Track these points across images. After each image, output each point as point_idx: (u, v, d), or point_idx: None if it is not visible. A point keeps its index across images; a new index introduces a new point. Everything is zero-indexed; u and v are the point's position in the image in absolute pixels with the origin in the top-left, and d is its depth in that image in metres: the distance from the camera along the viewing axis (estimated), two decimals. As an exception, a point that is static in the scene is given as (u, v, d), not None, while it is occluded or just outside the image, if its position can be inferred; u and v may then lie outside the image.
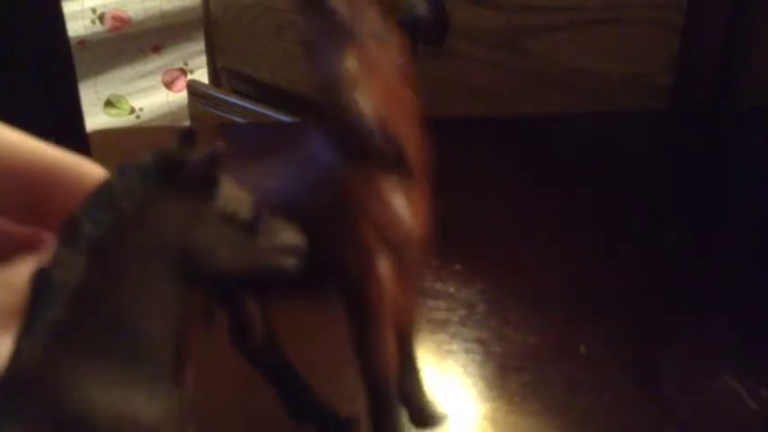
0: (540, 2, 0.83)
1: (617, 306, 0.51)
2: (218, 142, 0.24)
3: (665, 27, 0.76)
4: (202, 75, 1.39)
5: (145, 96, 1.70)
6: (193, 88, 1.15)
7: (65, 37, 0.59)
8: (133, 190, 0.23)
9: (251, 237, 0.25)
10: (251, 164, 0.35)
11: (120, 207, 0.23)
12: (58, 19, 0.59)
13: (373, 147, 0.32)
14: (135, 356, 0.23)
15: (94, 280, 0.23)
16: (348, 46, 0.28)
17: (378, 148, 0.32)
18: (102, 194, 0.23)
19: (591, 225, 0.60)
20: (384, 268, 0.33)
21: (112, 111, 1.67)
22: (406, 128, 0.32)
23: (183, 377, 0.24)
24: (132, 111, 1.69)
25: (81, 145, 0.61)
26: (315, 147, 0.33)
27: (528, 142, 0.71)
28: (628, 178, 0.66)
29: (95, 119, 1.60)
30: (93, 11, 1.58)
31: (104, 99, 1.66)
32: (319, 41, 0.29)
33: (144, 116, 1.70)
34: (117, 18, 1.61)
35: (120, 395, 0.22)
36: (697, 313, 0.51)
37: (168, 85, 1.72)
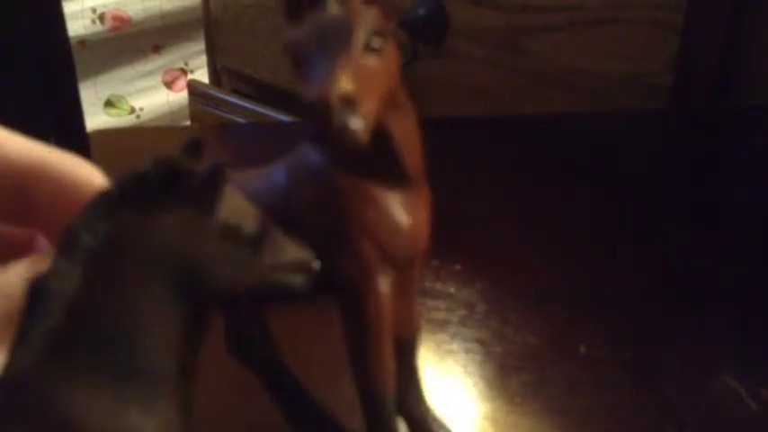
0: (540, 2, 0.83)
1: (617, 306, 0.51)
2: (221, 153, 0.23)
3: (665, 27, 0.76)
4: (202, 75, 1.39)
5: (145, 96, 1.70)
6: (194, 88, 1.15)
7: (65, 37, 0.59)
8: (132, 201, 0.22)
9: (255, 252, 0.24)
10: (250, 171, 0.34)
11: (118, 218, 0.22)
12: (58, 19, 0.59)
13: (369, 165, 0.30)
14: (132, 371, 0.22)
15: (91, 291, 0.22)
16: (340, 58, 0.26)
17: (374, 166, 0.30)
18: (100, 204, 0.23)
19: (591, 225, 0.60)
20: (383, 286, 0.32)
21: (112, 111, 1.67)
22: (405, 137, 0.31)
23: (187, 393, 0.24)
24: (132, 111, 1.69)
25: (81, 145, 0.61)
26: (310, 151, 0.32)
27: (528, 142, 0.71)
28: (628, 178, 0.66)
29: (95, 119, 1.60)
30: (93, 11, 1.58)
31: (104, 99, 1.66)
32: (308, 50, 0.27)
33: (144, 116, 1.70)
34: (117, 18, 1.61)
35: (114, 409, 0.22)
36: (697, 313, 0.51)
37: (168, 85, 1.72)
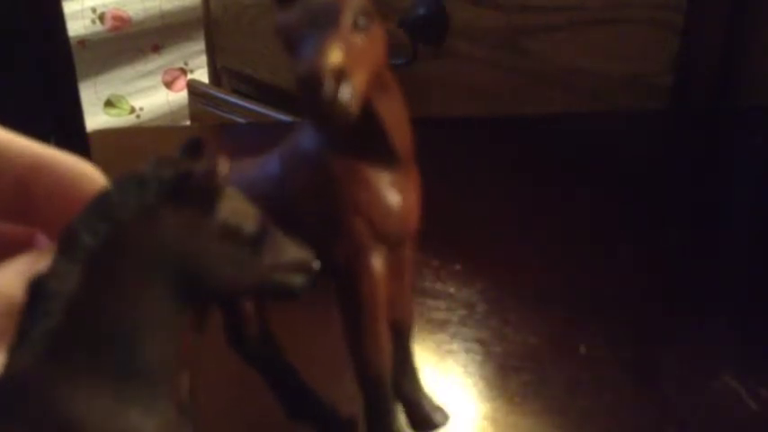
0: (540, 2, 0.83)
1: (617, 306, 0.51)
2: (221, 153, 0.23)
3: (665, 27, 0.76)
4: (202, 74, 1.39)
5: (145, 96, 1.70)
6: (193, 88, 1.15)
7: (65, 37, 0.59)
8: (132, 201, 0.22)
9: (255, 252, 0.24)
10: (245, 161, 0.35)
11: (117, 218, 0.22)
12: (58, 19, 0.59)
13: (359, 146, 0.31)
14: (132, 371, 0.22)
15: (91, 291, 0.22)
16: (329, 35, 0.27)
17: (364, 147, 0.31)
18: (100, 204, 0.23)
19: (591, 225, 0.60)
20: (377, 264, 0.33)
21: (112, 110, 1.67)
22: (393, 116, 0.32)
23: (181, 389, 0.24)
24: (132, 110, 1.69)
25: (81, 145, 0.61)
26: (302, 137, 0.33)
27: (528, 142, 0.71)
28: (628, 178, 0.66)
29: (95, 119, 1.60)
30: (93, 10, 1.58)
31: (104, 99, 1.66)
32: (299, 33, 0.28)
33: (144, 116, 1.70)
34: (117, 18, 1.61)
35: (114, 409, 0.22)
36: (697, 313, 0.51)
37: (168, 85, 1.72)
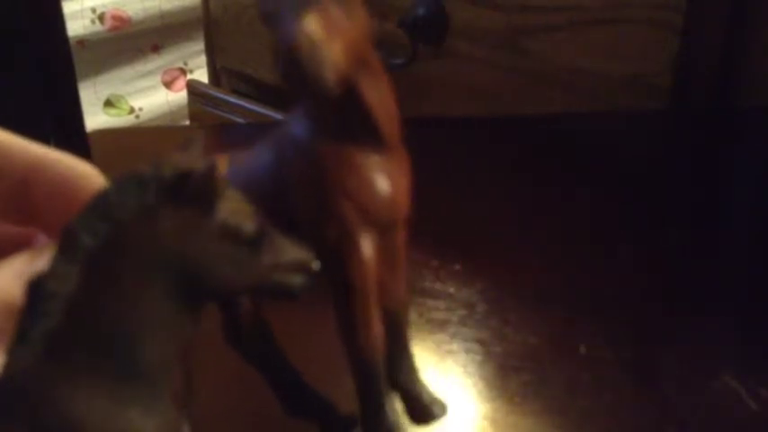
0: (540, 2, 0.83)
1: (617, 306, 0.51)
2: (219, 153, 0.23)
3: (665, 27, 0.76)
4: (202, 74, 1.39)
5: (144, 96, 1.70)
6: (193, 88, 1.15)
7: (65, 37, 0.59)
8: (131, 201, 0.22)
9: (254, 252, 0.24)
10: (238, 153, 0.35)
11: (116, 218, 0.22)
12: (58, 19, 0.59)
13: (346, 129, 0.31)
14: (131, 371, 0.22)
15: (91, 291, 0.22)
16: (309, 9, 0.28)
17: (350, 131, 0.31)
18: (99, 204, 0.23)
19: (591, 225, 0.60)
20: (366, 247, 0.33)
21: (112, 111, 1.67)
22: (379, 100, 0.32)
23: (181, 389, 0.24)
24: (132, 110, 1.69)
25: (81, 145, 0.61)
26: (292, 125, 0.33)
27: (528, 142, 0.71)
28: (628, 178, 0.66)
29: (95, 119, 1.60)
30: (92, 10, 1.58)
31: (104, 99, 1.66)
32: (280, 12, 0.28)
33: (144, 116, 1.70)
34: (117, 18, 1.61)
35: (114, 409, 0.22)
36: (697, 313, 0.51)
37: (168, 85, 1.72)
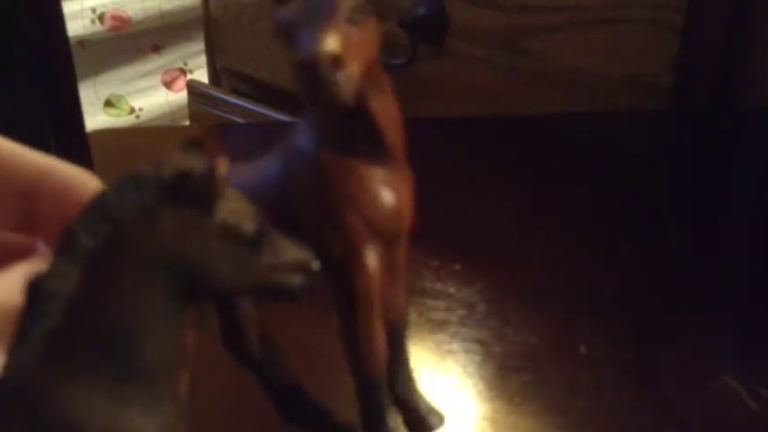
0: (540, 2, 0.83)
1: (617, 306, 0.51)
2: (220, 154, 0.23)
3: (665, 27, 0.76)
4: (202, 75, 1.39)
5: (144, 96, 1.69)
6: (193, 88, 1.15)
7: (65, 37, 0.59)
8: (131, 201, 0.22)
9: (254, 252, 0.24)
10: (244, 165, 0.35)
11: (116, 219, 0.22)
12: (58, 19, 0.59)
13: (353, 142, 0.32)
14: (131, 371, 0.22)
15: (91, 291, 0.22)
16: (325, 26, 0.28)
17: (357, 143, 0.32)
18: (99, 205, 0.23)
19: (591, 225, 0.60)
20: (371, 259, 0.33)
21: (112, 111, 1.67)
22: (386, 114, 0.32)
23: (181, 389, 0.24)
24: (132, 111, 1.69)
25: (81, 145, 0.61)
26: (298, 136, 0.33)
27: (528, 142, 0.71)
28: (628, 178, 0.66)
29: (95, 119, 1.59)
30: (92, 10, 1.58)
31: (104, 99, 1.66)
32: (297, 26, 0.29)
33: (144, 116, 1.70)
34: (116, 18, 1.61)
35: (114, 409, 0.22)
36: (697, 313, 0.51)
37: (168, 85, 1.72)
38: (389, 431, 0.36)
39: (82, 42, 1.56)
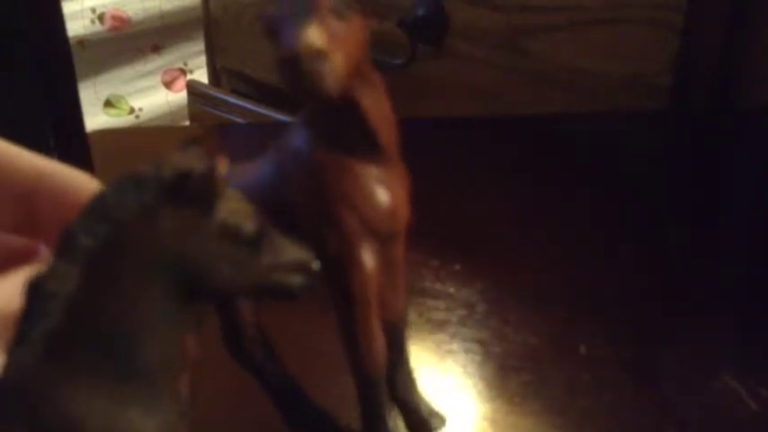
0: (540, 2, 0.83)
1: (617, 306, 0.51)
2: (220, 154, 0.23)
3: (665, 27, 0.76)
4: (202, 75, 1.39)
5: (144, 96, 1.69)
6: (193, 88, 1.15)
7: (65, 37, 0.59)
8: (130, 201, 0.23)
9: (254, 252, 0.24)
10: (240, 166, 0.35)
11: (116, 219, 0.22)
12: (58, 19, 0.59)
13: (345, 140, 0.32)
14: (132, 371, 0.22)
15: (91, 291, 0.22)
16: (308, 20, 0.29)
17: (349, 141, 0.32)
18: (98, 205, 0.23)
19: (591, 225, 0.60)
20: (367, 258, 0.33)
21: (112, 111, 1.67)
22: (378, 111, 0.32)
23: (181, 390, 0.24)
24: (132, 111, 1.69)
25: (80, 145, 0.61)
26: (292, 136, 0.34)
27: (528, 142, 0.71)
28: (628, 178, 0.66)
29: (95, 119, 1.59)
30: (92, 11, 1.58)
31: (104, 99, 1.66)
32: (280, 20, 0.29)
33: (143, 116, 1.70)
34: (116, 18, 1.61)
35: (114, 409, 0.22)
36: (697, 313, 0.51)
37: (168, 85, 1.72)
38: (389, 431, 0.36)
39: (82, 42, 1.56)
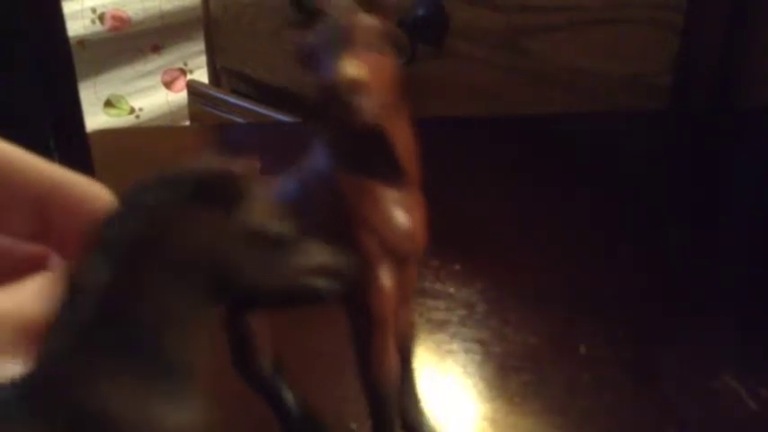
0: (540, 2, 0.83)
1: (617, 306, 0.51)
2: (253, 156, 0.23)
3: (665, 27, 0.76)
4: (202, 75, 1.39)
5: (144, 96, 1.70)
6: (193, 88, 1.15)
7: (65, 37, 0.59)
8: (163, 201, 0.23)
9: (282, 255, 0.25)
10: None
11: (149, 217, 0.23)
12: (58, 19, 0.59)
13: (370, 165, 0.32)
14: (161, 366, 0.23)
15: (123, 287, 0.23)
16: (347, 52, 0.29)
17: (374, 167, 0.32)
18: (132, 203, 0.23)
19: (591, 225, 0.60)
20: (386, 279, 0.33)
21: (112, 111, 1.67)
22: (404, 139, 0.33)
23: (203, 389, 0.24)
24: (132, 111, 1.69)
25: (81, 145, 0.61)
26: (315, 156, 0.34)
27: (528, 142, 0.71)
28: (628, 178, 0.66)
29: (95, 119, 1.60)
30: (92, 10, 1.58)
31: (104, 99, 1.66)
32: (318, 51, 0.30)
33: (144, 116, 1.70)
34: (117, 18, 1.61)
35: (146, 401, 0.22)
36: (697, 313, 0.51)
37: (168, 85, 1.72)
38: None
39: (82, 42, 1.56)
